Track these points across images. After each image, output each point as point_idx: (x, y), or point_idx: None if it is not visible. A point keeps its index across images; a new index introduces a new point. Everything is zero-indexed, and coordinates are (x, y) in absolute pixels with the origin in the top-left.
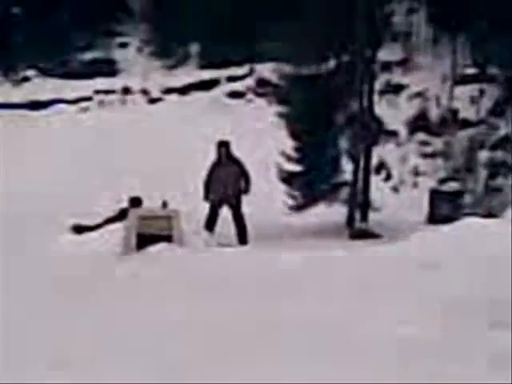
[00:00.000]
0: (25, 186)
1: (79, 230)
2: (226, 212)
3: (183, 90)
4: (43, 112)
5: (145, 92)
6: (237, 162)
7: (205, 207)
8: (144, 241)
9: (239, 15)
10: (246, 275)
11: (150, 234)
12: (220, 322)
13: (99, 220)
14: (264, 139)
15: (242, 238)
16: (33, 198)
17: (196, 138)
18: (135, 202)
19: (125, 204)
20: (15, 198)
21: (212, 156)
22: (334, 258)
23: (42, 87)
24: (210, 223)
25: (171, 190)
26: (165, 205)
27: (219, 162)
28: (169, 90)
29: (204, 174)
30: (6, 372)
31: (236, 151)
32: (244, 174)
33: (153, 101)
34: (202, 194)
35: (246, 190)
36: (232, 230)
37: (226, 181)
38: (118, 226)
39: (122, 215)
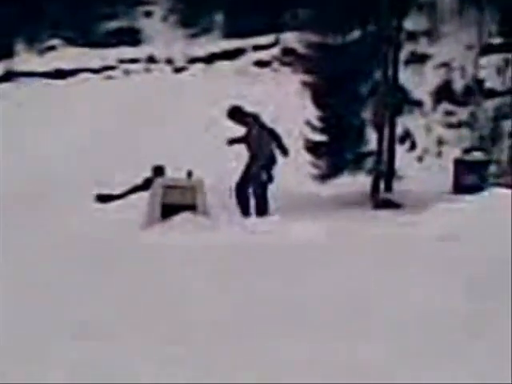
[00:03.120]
0: (51, 154)
1: (104, 199)
2: None
3: (208, 60)
4: (67, 81)
5: (169, 61)
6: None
7: (230, 178)
8: (168, 210)
9: None
10: (270, 245)
11: (174, 204)
12: (242, 291)
13: (124, 189)
14: (289, 108)
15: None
16: (60, 165)
17: (221, 108)
18: (159, 171)
19: (149, 173)
20: (41, 165)
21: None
22: (353, 229)
23: (66, 57)
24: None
25: (197, 160)
26: (190, 174)
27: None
28: (193, 60)
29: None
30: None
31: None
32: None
33: (178, 70)
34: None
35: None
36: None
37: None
38: (142, 194)
39: (146, 185)
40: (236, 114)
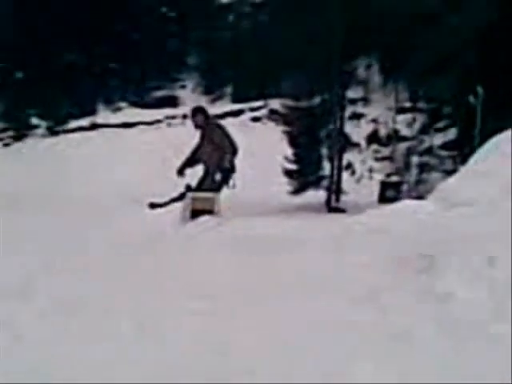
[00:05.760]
0: (121, 176)
1: (153, 206)
2: None
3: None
4: (131, 130)
5: None
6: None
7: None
8: (195, 213)
9: (259, 68)
10: (260, 235)
11: (199, 209)
12: (241, 261)
13: (166, 199)
14: (273, 148)
15: None
16: (124, 184)
17: None
18: (189, 187)
19: (182, 189)
20: (114, 184)
21: (241, 164)
22: (311, 225)
23: (130, 114)
24: None
25: None
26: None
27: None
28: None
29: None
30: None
31: (254, 156)
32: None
33: None
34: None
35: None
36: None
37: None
38: (178, 204)
39: (181, 196)
40: (198, 113)
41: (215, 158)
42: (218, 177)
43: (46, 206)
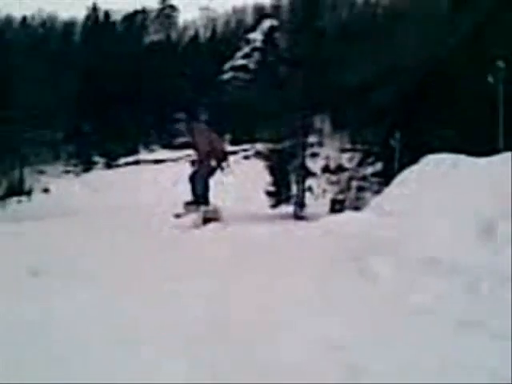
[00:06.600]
0: (154, 194)
1: (177, 216)
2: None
3: None
4: (161, 165)
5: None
6: None
7: (228, 204)
8: (205, 221)
9: (248, 122)
10: (251, 235)
11: (208, 217)
12: (234, 249)
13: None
14: (258, 176)
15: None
16: (155, 200)
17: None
18: (199, 202)
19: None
20: (148, 200)
21: (237, 187)
22: (286, 228)
23: (161, 154)
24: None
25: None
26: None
27: None
28: None
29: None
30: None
31: (245, 182)
32: None
33: None
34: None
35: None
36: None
37: None
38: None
39: (195, 204)
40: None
41: (208, 152)
42: (213, 163)
43: (104, 213)
